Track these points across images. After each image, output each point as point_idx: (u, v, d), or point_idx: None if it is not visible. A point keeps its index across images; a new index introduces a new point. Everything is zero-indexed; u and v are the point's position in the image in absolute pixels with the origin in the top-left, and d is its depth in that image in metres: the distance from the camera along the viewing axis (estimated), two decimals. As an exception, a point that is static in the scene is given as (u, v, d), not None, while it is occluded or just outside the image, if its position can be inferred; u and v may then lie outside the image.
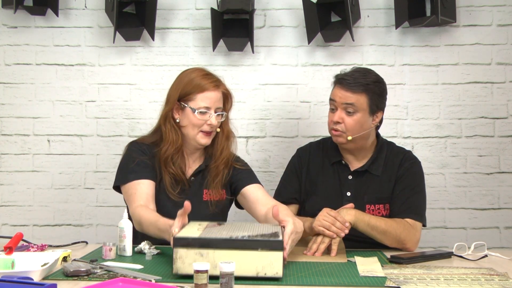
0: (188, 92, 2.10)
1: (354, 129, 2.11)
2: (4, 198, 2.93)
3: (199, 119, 2.08)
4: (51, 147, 2.91)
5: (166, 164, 2.11)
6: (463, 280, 1.58)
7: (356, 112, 2.10)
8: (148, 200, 2.04)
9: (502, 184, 2.85)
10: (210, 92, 2.08)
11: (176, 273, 1.54)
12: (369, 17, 2.87)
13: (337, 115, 2.12)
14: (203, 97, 2.08)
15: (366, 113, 2.11)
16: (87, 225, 2.89)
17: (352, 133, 2.11)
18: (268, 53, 2.89)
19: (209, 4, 2.84)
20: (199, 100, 2.08)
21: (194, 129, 2.10)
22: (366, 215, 2.02)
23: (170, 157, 2.11)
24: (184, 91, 2.10)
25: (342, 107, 2.11)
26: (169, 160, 2.11)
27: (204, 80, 2.10)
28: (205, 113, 2.08)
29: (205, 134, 2.11)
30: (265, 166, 2.89)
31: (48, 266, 1.55)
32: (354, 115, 2.10)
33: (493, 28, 2.84)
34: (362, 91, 2.10)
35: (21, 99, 2.92)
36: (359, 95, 2.09)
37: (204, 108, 2.08)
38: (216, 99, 2.10)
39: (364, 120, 2.12)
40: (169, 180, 2.12)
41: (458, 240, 2.12)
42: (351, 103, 2.09)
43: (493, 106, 2.84)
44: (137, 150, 2.14)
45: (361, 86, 2.09)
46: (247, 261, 1.54)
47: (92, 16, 2.90)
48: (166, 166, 2.12)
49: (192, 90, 2.09)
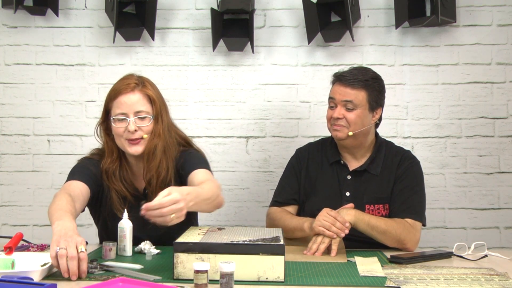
0: (108, 101, 1.97)
1: (356, 124, 2.11)
2: (4, 198, 2.93)
3: (117, 127, 1.93)
4: (51, 147, 2.91)
5: (109, 179, 2.00)
6: (463, 280, 1.58)
7: (356, 108, 2.10)
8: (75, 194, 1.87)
9: (502, 184, 2.85)
10: (124, 96, 1.92)
11: (177, 278, 1.55)
12: (369, 17, 2.87)
13: (337, 111, 2.12)
14: (117, 103, 1.93)
15: (365, 109, 2.12)
16: (87, 225, 2.89)
17: (354, 128, 2.11)
18: (268, 53, 2.89)
19: (209, 4, 2.84)
20: (115, 108, 1.93)
21: (120, 139, 1.95)
22: (366, 215, 2.02)
23: (111, 171, 1.99)
24: (106, 101, 1.98)
25: (342, 104, 2.12)
26: (111, 174, 1.99)
27: (118, 84, 1.96)
28: (122, 120, 1.92)
29: (130, 142, 1.94)
30: (265, 166, 2.89)
31: (48, 266, 1.55)
32: (354, 111, 2.10)
33: (493, 28, 2.84)
34: (361, 87, 2.10)
35: (21, 99, 2.92)
36: (358, 91, 2.10)
37: (120, 115, 1.92)
38: (133, 102, 1.92)
39: (364, 116, 2.12)
40: (115, 197, 2.00)
41: (458, 240, 2.12)
42: (351, 100, 2.10)
43: (493, 106, 2.84)
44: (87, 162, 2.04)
45: (360, 82, 2.10)
46: (248, 266, 1.54)
47: (92, 16, 2.90)
48: (109, 181, 2.00)
49: (109, 98, 1.96)
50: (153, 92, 1.98)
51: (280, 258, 1.54)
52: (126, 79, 1.98)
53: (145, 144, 1.95)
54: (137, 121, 1.93)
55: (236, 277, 1.45)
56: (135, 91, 1.94)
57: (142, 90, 1.96)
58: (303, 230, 2.05)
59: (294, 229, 2.10)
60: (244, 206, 2.90)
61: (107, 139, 2.02)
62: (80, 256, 1.53)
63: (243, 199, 2.90)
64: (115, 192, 2.00)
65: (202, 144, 2.77)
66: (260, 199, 2.89)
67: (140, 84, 1.97)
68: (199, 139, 2.87)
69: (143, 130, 1.94)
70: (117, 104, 1.94)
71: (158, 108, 1.97)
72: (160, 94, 2.03)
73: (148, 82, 2.01)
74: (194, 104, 2.90)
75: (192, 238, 1.62)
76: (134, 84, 1.96)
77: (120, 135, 1.95)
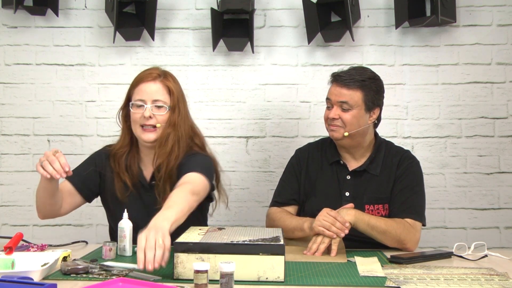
0: (130, 88, 2.07)
1: (352, 125, 2.11)
2: (4, 198, 2.93)
3: (134, 113, 2.02)
4: (51, 147, 2.91)
5: (115, 162, 2.09)
6: (463, 280, 1.58)
7: (352, 108, 2.10)
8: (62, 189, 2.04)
9: (502, 184, 2.85)
10: (145, 84, 2.02)
11: (177, 278, 1.55)
12: (369, 17, 2.87)
13: (333, 112, 2.12)
14: (138, 90, 2.02)
15: (362, 109, 2.11)
16: (87, 225, 2.89)
17: (349, 129, 2.11)
18: (268, 53, 2.89)
19: (209, 4, 2.84)
20: (135, 94, 2.03)
21: (135, 125, 2.03)
22: (366, 215, 2.02)
23: (119, 155, 2.08)
24: (129, 89, 2.07)
25: (337, 104, 2.12)
26: (117, 159, 2.08)
27: (142, 73, 2.05)
28: (140, 106, 2.01)
29: (144, 129, 2.01)
30: (265, 166, 2.89)
31: (48, 266, 1.55)
32: (349, 111, 2.10)
33: (493, 28, 2.84)
34: (357, 87, 2.10)
35: (21, 99, 2.92)
36: (354, 91, 2.10)
37: (139, 101, 2.01)
38: (152, 91, 2.01)
39: (360, 116, 2.12)
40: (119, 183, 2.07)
41: (458, 240, 2.12)
42: (346, 100, 2.09)
43: (493, 106, 2.84)
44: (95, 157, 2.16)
45: (356, 82, 2.10)
46: (248, 266, 1.54)
47: (92, 16, 2.91)
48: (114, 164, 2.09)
49: (132, 85, 2.06)
50: (173, 84, 2.05)
51: (280, 258, 1.54)
52: (150, 70, 2.08)
53: (159, 133, 2.01)
54: (153, 108, 2.00)
55: (236, 277, 1.45)
56: (156, 81, 2.03)
57: (162, 81, 2.04)
58: (303, 230, 2.05)
59: (294, 229, 2.10)
60: (244, 206, 2.90)
61: (124, 125, 2.11)
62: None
63: (243, 199, 2.90)
64: (117, 176, 2.08)
65: (202, 144, 2.78)
66: (260, 199, 2.89)
67: (162, 76, 2.05)
68: (199, 139, 2.87)
69: (157, 119, 2.01)
70: (138, 91, 2.02)
71: (175, 100, 2.04)
72: (181, 88, 2.11)
73: (170, 75, 2.09)
74: (194, 104, 2.89)
75: (192, 238, 1.62)
76: (157, 74, 2.04)
77: (136, 121, 2.02)
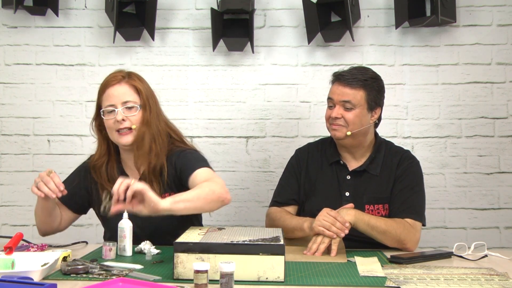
0: (98, 96, 2.03)
1: (354, 124, 2.11)
2: (4, 198, 2.93)
3: (107, 120, 1.99)
4: (51, 147, 2.91)
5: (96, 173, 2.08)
6: (463, 280, 1.58)
7: (354, 108, 2.10)
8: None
9: (502, 184, 2.85)
10: (111, 88, 1.99)
11: (177, 278, 1.55)
12: (369, 17, 2.87)
13: (336, 111, 2.12)
14: (106, 96, 1.99)
15: (364, 109, 2.11)
16: (87, 225, 2.89)
17: (352, 128, 2.11)
18: (268, 53, 2.89)
19: (209, 4, 2.84)
20: (104, 100, 2.00)
21: (111, 132, 2.00)
22: (366, 215, 2.02)
23: (98, 166, 2.07)
24: (97, 97, 2.04)
25: (340, 103, 2.11)
26: (97, 169, 2.07)
27: (106, 79, 2.02)
28: (111, 111, 1.98)
29: (120, 133, 1.98)
30: (265, 166, 2.89)
31: (48, 266, 1.55)
32: (352, 110, 2.10)
33: (493, 28, 2.84)
34: (360, 86, 2.10)
35: (21, 99, 2.92)
36: (356, 90, 2.10)
37: (109, 107, 1.98)
38: (120, 93, 1.98)
39: (363, 115, 2.12)
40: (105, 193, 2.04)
41: (458, 240, 2.12)
42: (349, 100, 2.09)
43: (493, 106, 2.84)
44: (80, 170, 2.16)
45: (359, 81, 2.10)
46: (248, 266, 1.54)
47: (92, 16, 2.91)
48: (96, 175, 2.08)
49: (99, 93, 2.03)
50: (139, 83, 2.03)
51: (280, 258, 1.54)
52: (114, 73, 2.05)
53: (135, 134, 1.99)
54: (124, 111, 1.98)
55: (236, 277, 1.45)
56: (121, 83, 2.01)
57: (128, 82, 2.02)
58: (303, 230, 2.05)
59: (294, 229, 2.10)
60: (244, 206, 2.90)
61: (99, 135, 2.10)
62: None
63: (243, 199, 2.90)
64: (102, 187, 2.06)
65: (202, 144, 2.79)
66: (260, 199, 2.89)
67: (126, 77, 2.03)
68: (199, 139, 2.87)
69: (131, 120, 1.98)
70: (106, 96, 2.00)
71: (145, 98, 2.01)
72: (148, 86, 2.08)
73: (135, 75, 2.07)
74: (194, 104, 2.90)
75: (192, 238, 1.62)
76: (121, 76, 2.02)
77: (111, 127, 2.00)
